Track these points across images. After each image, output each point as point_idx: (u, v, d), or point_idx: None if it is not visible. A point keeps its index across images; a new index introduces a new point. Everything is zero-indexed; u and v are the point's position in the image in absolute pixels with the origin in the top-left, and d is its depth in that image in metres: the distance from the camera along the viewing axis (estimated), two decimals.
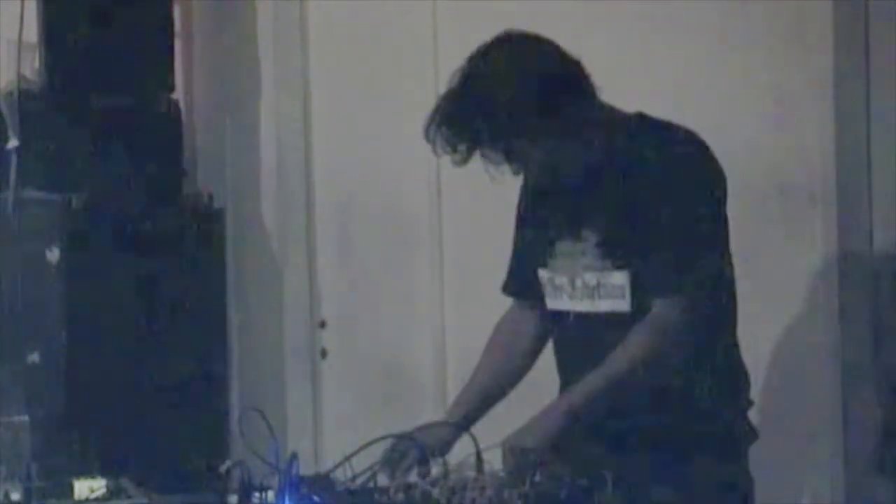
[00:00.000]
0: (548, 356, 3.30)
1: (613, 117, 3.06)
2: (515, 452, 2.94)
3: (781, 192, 4.16)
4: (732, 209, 3.13)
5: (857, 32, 4.05)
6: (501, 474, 2.81)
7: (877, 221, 4.06)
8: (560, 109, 2.93)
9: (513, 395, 3.99)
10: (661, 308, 2.98)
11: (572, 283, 3.11)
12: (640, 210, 2.98)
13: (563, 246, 3.12)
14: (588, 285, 3.07)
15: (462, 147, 2.93)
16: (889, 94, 4.05)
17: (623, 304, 3.04)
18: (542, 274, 3.18)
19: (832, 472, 4.12)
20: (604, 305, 3.06)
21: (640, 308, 3.01)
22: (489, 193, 3.25)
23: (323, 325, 4.78)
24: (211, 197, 4.70)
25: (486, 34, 3.06)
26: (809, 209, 4.14)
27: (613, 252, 3.03)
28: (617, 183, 3.01)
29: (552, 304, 3.18)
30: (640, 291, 3.01)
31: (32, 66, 4.43)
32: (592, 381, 2.99)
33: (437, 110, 2.96)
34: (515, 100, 2.90)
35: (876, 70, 4.06)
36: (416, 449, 2.96)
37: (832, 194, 4.10)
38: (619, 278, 3.03)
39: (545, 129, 2.93)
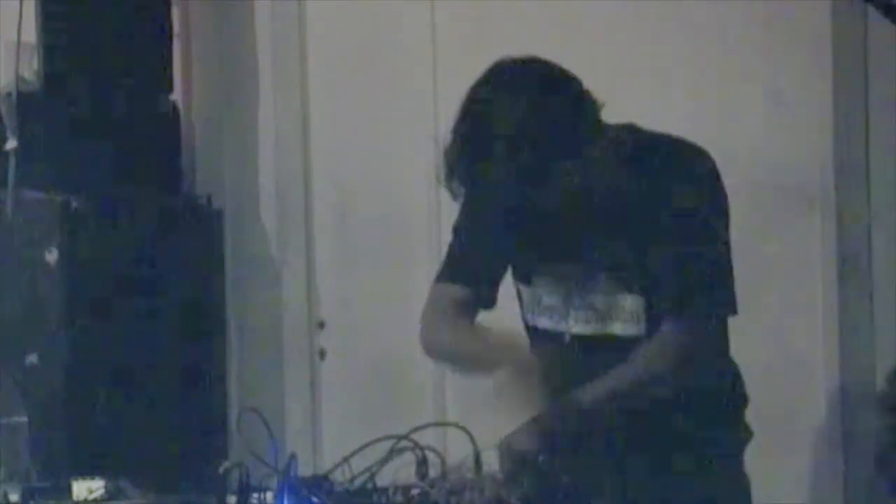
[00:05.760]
0: None
1: (610, 132, 3.01)
2: (512, 454, 2.94)
3: (781, 193, 4.16)
4: (732, 209, 3.12)
5: (857, 33, 4.05)
6: (500, 476, 2.81)
7: (876, 222, 4.06)
8: (569, 138, 2.86)
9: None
10: (672, 329, 2.95)
11: (567, 304, 3.07)
12: (649, 230, 2.95)
13: (561, 267, 3.06)
14: (595, 308, 3.04)
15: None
16: (888, 95, 4.05)
17: (636, 328, 3.01)
18: (523, 290, 3.13)
19: (832, 472, 4.12)
20: (614, 329, 3.03)
21: (653, 331, 2.99)
22: None
23: (321, 325, 4.78)
24: (209, 198, 4.70)
25: (485, 35, 3.05)
26: (809, 210, 4.14)
27: (626, 275, 2.99)
28: (622, 203, 2.97)
29: (535, 321, 3.13)
30: (654, 315, 2.99)
31: (31, 66, 4.43)
32: (594, 390, 2.97)
33: (450, 161, 2.86)
34: (525, 140, 2.81)
35: (875, 71, 4.07)
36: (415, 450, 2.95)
37: (831, 195, 4.10)
38: (633, 302, 3.00)
39: (555, 161, 2.87)
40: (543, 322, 3.11)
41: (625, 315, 3.01)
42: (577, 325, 3.06)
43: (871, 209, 4.07)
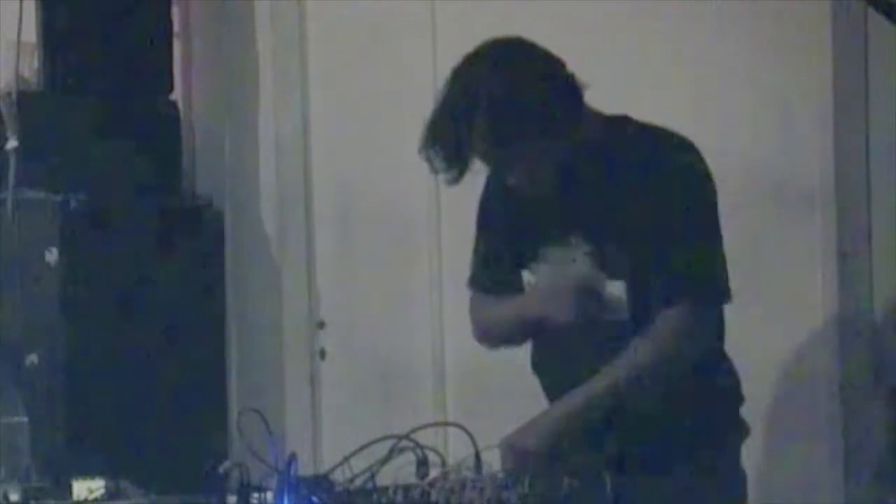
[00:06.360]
0: None
1: (603, 121, 3.04)
2: (514, 453, 2.94)
3: (781, 193, 4.16)
4: (732, 210, 3.13)
5: (856, 32, 4.05)
6: (500, 475, 2.81)
7: (876, 222, 4.06)
8: (550, 117, 2.91)
9: (512, 396, 3.99)
10: (667, 317, 2.97)
11: None
12: (635, 218, 2.97)
13: (549, 252, 3.10)
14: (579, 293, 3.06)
15: (456, 167, 2.93)
16: (888, 95, 4.05)
17: (621, 314, 3.03)
18: (527, 277, 3.17)
19: (832, 472, 4.12)
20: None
21: (638, 317, 3.01)
22: None
23: (322, 325, 4.78)
24: (210, 198, 4.70)
25: (486, 34, 3.05)
26: (809, 209, 4.14)
27: (608, 261, 3.02)
28: (607, 189, 3.00)
29: None
30: (638, 300, 3.01)
31: (31, 66, 4.43)
32: (594, 385, 2.99)
33: (430, 131, 2.94)
34: (506, 114, 2.87)
35: (875, 71, 4.07)
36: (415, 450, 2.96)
37: (832, 195, 4.10)
38: (615, 288, 3.02)
39: (537, 139, 2.91)
40: None
41: (609, 300, 3.02)
42: None
43: (872, 207, 4.07)
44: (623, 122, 3.07)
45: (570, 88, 2.95)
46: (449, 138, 2.91)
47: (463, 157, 2.92)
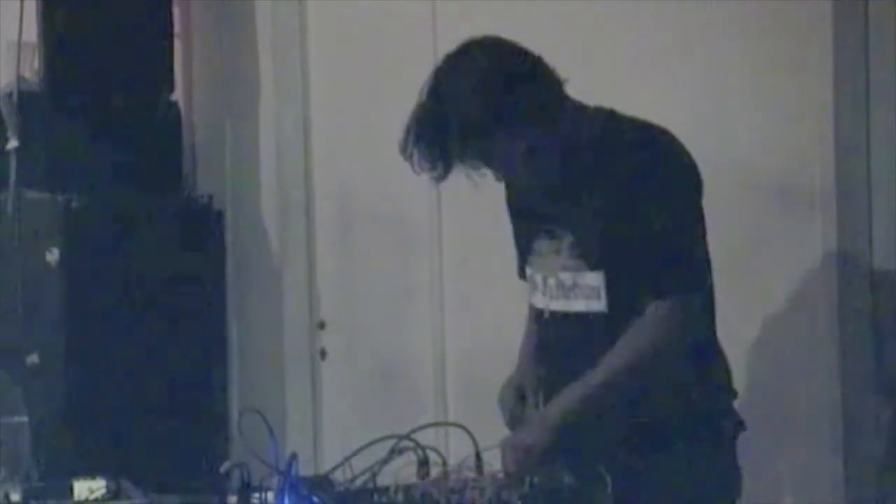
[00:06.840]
0: None
1: (583, 115, 3.06)
2: (515, 452, 2.94)
3: (781, 193, 4.16)
4: (733, 210, 3.13)
5: (857, 33, 4.06)
6: (501, 475, 2.82)
7: (877, 221, 4.06)
8: (528, 113, 2.94)
9: None
10: (658, 309, 2.99)
11: (545, 282, 3.14)
12: (614, 210, 2.99)
13: (539, 244, 3.16)
14: (563, 284, 3.09)
15: (439, 164, 2.95)
16: (888, 96, 4.05)
17: (598, 305, 3.05)
18: (527, 270, 3.23)
19: (832, 471, 4.12)
20: (578, 305, 3.08)
21: (616, 308, 3.02)
22: (488, 193, 3.27)
23: (322, 325, 4.78)
24: (210, 198, 4.70)
25: (486, 33, 3.06)
26: (809, 209, 4.14)
27: (587, 252, 3.04)
28: (588, 182, 3.02)
29: (531, 299, 3.22)
30: (617, 292, 3.02)
31: (32, 66, 4.43)
32: (591, 380, 3.00)
33: (410, 130, 2.98)
34: (483, 112, 2.91)
35: (875, 71, 4.07)
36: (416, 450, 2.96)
37: (832, 195, 4.11)
38: (594, 279, 3.05)
39: (515, 135, 2.94)
40: (535, 299, 3.18)
41: (587, 291, 3.05)
42: (552, 302, 3.11)
43: (873, 207, 4.07)
44: (604, 114, 3.09)
45: (546, 83, 2.97)
46: (427, 138, 2.94)
47: (442, 156, 2.94)
